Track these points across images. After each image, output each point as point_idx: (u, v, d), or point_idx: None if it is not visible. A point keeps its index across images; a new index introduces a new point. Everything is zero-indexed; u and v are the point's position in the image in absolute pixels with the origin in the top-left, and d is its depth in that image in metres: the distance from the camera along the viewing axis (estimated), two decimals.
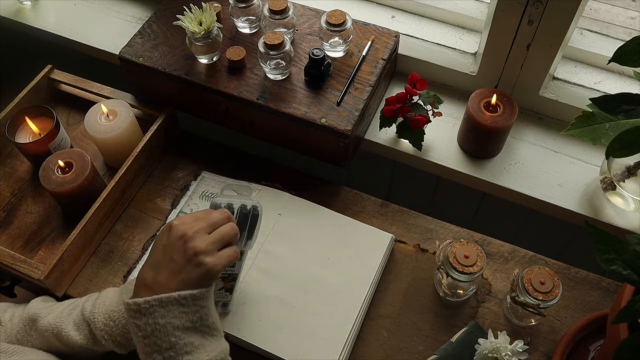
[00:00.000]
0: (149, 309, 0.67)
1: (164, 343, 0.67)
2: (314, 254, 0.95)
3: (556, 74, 1.06)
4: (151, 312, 0.67)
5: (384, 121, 1.03)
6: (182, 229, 0.71)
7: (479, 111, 0.97)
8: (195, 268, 0.69)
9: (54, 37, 1.25)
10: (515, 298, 0.85)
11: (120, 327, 0.76)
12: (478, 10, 1.12)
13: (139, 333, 0.68)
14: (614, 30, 1.11)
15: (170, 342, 0.67)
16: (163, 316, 0.67)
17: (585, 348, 0.86)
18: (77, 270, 0.97)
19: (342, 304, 0.90)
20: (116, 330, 0.76)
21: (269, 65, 0.99)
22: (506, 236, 1.02)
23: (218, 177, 1.06)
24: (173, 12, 1.08)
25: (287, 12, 1.01)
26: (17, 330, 0.82)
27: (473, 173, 1.03)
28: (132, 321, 0.68)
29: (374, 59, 1.03)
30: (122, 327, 0.76)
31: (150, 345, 0.67)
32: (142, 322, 0.67)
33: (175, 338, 0.67)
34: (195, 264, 0.69)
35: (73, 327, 0.78)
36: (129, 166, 1.01)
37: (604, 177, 0.98)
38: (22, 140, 1.03)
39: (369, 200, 1.04)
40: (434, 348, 0.88)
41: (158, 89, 1.09)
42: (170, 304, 0.68)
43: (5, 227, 1.02)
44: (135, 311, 0.68)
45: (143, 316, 0.67)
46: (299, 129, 0.99)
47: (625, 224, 0.96)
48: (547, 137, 1.06)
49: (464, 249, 0.86)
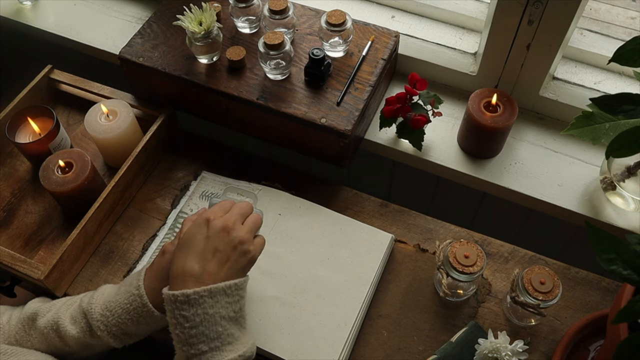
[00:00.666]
0: (199, 299, 0.68)
1: (211, 333, 0.68)
2: (314, 254, 0.95)
3: (556, 74, 1.06)
4: (200, 303, 0.68)
5: (384, 121, 1.03)
6: (222, 221, 0.74)
7: (479, 111, 0.97)
8: (241, 256, 0.73)
9: (54, 37, 1.25)
10: (515, 298, 0.85)
11: (116, 317, 0.76)
12: (478, 10, 1.12)
13: (186, 324, 0.68)
14: (614, 30, 1.11)
15: (217, 332, 0.69)
16: (212, 306, 0.69)
17: (585, 348, 0.86)
18: (77, 270, 0.97)
19: (342, 304, 0.90)
20: (112, 321, 0.76)
21: (269, 65, 0.99)
22: (506, 236, 1.02)
23: (218, 177, 1.06)
24: (173, 12, 1.08)
25: (287, 12, 1.01)
26: (15, 331, 0.82)
27: (473, 173, 1.03)
28: (179, 312, 0.68)
29: (374, 59, 1.03)
30: (117, 317, 0.76)
31: (197, 335, 0.68)
32: (190, 313, 0.68)
33: (221, 328, 0.69)
34: (240, 253, 0.73)
35: (70, 321, 0.79)
36: (129, 166, 1.01)
37: (604, 177, 0.98)
38: (22, 140, 1.03)
39: (369, 200, 1.04)
40: (434, 348, 0.88)
41: (158, 89, 1.09)
42: (219, 294, 0.69)
43: (5, 227, 1.02)
44: (183, 302, 0.68)
45: (192, 307, 0.68)
46: (299, 129, 0.99)
47: (625, 224, 0.96)
48: (547, 137, 1.06)
49: (464, 249, 0.86)
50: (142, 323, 0.76)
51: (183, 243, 0.73)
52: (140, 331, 0.78)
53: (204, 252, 0.72)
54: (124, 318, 0.76)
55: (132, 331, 0.78)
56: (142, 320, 0.76)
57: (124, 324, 0.76)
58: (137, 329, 0.77)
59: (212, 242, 0.72)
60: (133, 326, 0.76)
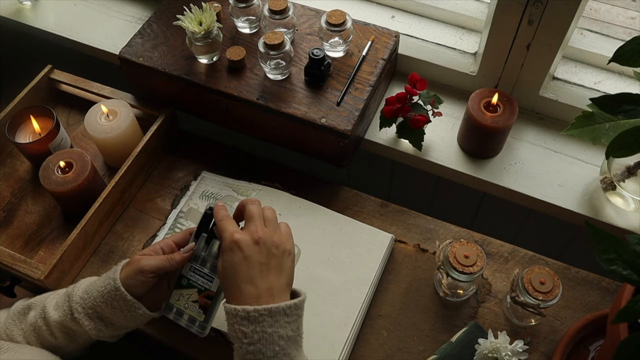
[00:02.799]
0: (258, 317, 0.68)
1: (268, 351, 0.68)
2: (314, 254, 0.95)
3: (556, 74, 1.06)
4: (260, 321, 0.68)
5: (384, 121, 1.03)
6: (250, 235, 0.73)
7: (479, 111, 0.97)
8: (282, 257, 0.73)
9: (54, 37, 1.25)
10: (515, 298, 0.85)
11: (91, 299, 0.78)
12: (478, 10, 1.12)
13: (245, 339, 0.68)
14: (614, 30, 1.11)
15: (274, 351, 0.68)
16: (271, 325, 0.68)
17: (585, 348, 0.86)
18: (77, 270, 0.97)
19: (342, 304, 0.90)
20: (88, 303, 0.78)
21: (269, 65, 0.99)
22: (506, 236, 1.02)
23: (218, 177, 1.06)
24: (173, 12, 1.08)
25: (287, 12, 1.01)
26: (6, 326, 0.83)
27: (473, 173, 1.03)
28: (238, 327, 0.68)
29: (374, 59, 1.03)
30: (93, 299, 0.78)
31: (254, 352, 0.68)
32: (249, 330, 0.68)
33: (278, 347, 0.68)
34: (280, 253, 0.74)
35: (54, 307, 0.81)
36: (129, 166, 1.01)
37: (604, 177, 0.98)
38: (22, 140, 1.03)
39: (369, 200, 1.04)
40: (434, 348, 0.88)
41: (158, 89, 1.09)
42: (278, 314, 0.69)
43: (5, 227, 1.02)
44: (243, 318, 0.68)
45: (251, 324, 0.68)
46: (299, 129, 0.99)
47: (625, 224, 0.96)
48: (547, 137, 1.06)
49: (464, 249, 0.86)
50: (115, 307, 0.77)
51: (227, 274, 0.72)
52: (116, 319, 0.78)
53: (250, 273, 0.71)
54: (99, 301, 0.77)
55: (107, 317, 0.78)
56: (115, 304, 0.77)
57: (99, 307, 0.78)
58: (111, 314, 0.78)
59: (252, 261, 0.71)
60: (107, 310, 0.77)
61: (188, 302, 0.78)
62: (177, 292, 0.79)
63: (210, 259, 0.78)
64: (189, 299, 0.78)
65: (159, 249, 0.80)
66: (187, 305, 0.78)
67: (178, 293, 0.79)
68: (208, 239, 0.79)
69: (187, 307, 0.78)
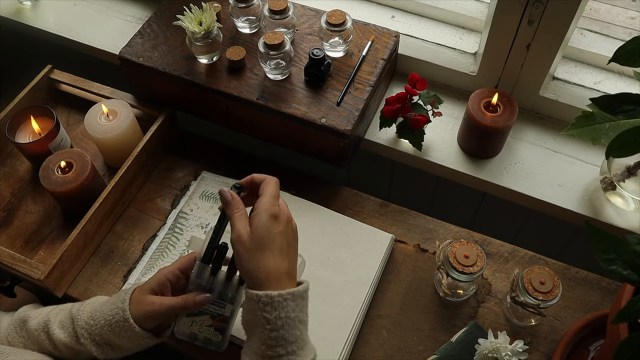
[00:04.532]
0: (282, 302, 0.67)
1: (290, 337, 0.68)
2: (314, 254, 0.95)
3: (556, 74, 1.06)
4: (284, 306, 0.68)
5: (384, 121, 1.03)
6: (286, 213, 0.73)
7: (479, 111, 0.97)
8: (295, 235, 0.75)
9: (54, 37, 1.25)
10: (515, 298, 0.85)
11: (99, 327, 0.76)
12: (478, 10, 1.12)
13: (267, 325, 0.67)
14: (614, 30, 1.11)
15: (295, 336, 0.68)
16: (293, 310, 0.68)
17: (585, 348, 0.86)
18: (77, 270, 0.97)
19: (342, 304, 0.90)
20: (95, 330, 0.77)
21: (269, 65, 0.99)
22: (506, 236, 1.02)
23: (218, 177, 1.06)
24: (173, 12, 1.08)
25: (287, 12, 1.01)
26: (7, 332, 0.82)
27: (473, 173, 1.03)
28: (261, 313, 0.67)
29: (374, 59, 1.03)
30: (100, 327, 0.76)
31: (276, 338, 0.67)
32: (273, 316, 0.67)
33: (299, 332, 0.69)
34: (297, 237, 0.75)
35: (59, 325, 0.79)
36: (129, 166, 1.01)
37: (604, 177, 0.98)
38: (22, 140, 1.03)
39: (369, 200, 1.04)
40: (434, 348, 0.88)
41: (158, 89, 1.09)
42: (299, 298, 0.69)
43: (5, 227, 1.02)
44: (266, 304, 0.67)
45: (275, 309, 0.67)
46: (299, 129, 0.99)
47: (625, 224, 0.96)
48: (547, 137, 1.06)
49: (464, 249, 0.86)
50: (123, 337, 0.76)
51: (261, 241, 0.70)
52: (124, 344, 0.77)
53: (282, 249, 0.71)
54: (106, 329, 0.76)
55: (115, 343, 0.77)
56: (124, 334, 0.76)
57: (106, 334, 0.76)
58: (119, 341, 0.77)
59: (286, 238, 0.72)
60: (115, 338, 0.76)
61: (202, 327, 0.78)
62: (188, 319, 0.78)
63: (218, 287, 0.77)
64: (202, 324, 0.78)
65: (166, 280, 0.77)
66: (201, 330, 0.78)
67: (190, 320, 0.78)
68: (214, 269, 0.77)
69: (202, 331, 0.78)
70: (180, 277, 0.78)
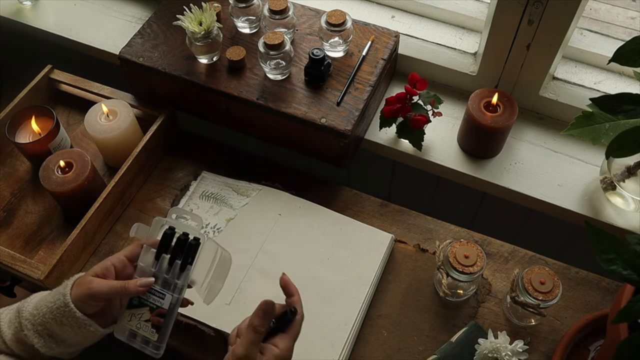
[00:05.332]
0: None
1: None
2: (314, 254, 0.95)
3: (556, 74, 1.06)
4: None
5: (384, 121, 1.03)
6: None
7: (479, 111, 0.97)
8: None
9: (54, 37, 1.25)
10: (515, 298, 0.85)
11: (41, 315, 0.75)
12: (478, 10, 1.12)
13: None
14: (614, 30, 1.11)
15: None
16: None
17: (585, 348, 0.86)
18: (77, 270, 0.97)
19: (342, 304, 0.90)
20: (38, 319, 0.75)
21: (269, 65, 0.99)
22: (506, 236, 1.02)
23: (218, 177, 1.06)
24: (173, 12, 1.08)
25: (287, 12, 1.01)
26: None
27: (473, 173, 1.03)
28: None
29: (374, 59, 1.03)
30: (42, 315, 0.75)
31: None
32: None
33: None
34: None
35: (7, 324, 0.78)
36: (129, 166, 1.01)
37: (604, 177, 0.98)
38: (22, 140, 1.03)
39: (369, 200, 1.04)
40: (434, 348, 0.88)
41: (158, 89, 1.09)
42: None
43: (5, 227, 1.02)
44: None
45: None
46: (299, 129, 0.99)
47: (625, 224, 0.96)
48: (547, 137, 1.06)
49: (464, 249, 0.86)
50: (65, 324, 0.74)
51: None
52: (66, 336, 0.76)
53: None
54: (48, 317, 0.75)
55: (57, 334, 0.75)
56: (65, 320, 0.74)
57: (48, 323, 0.75)
58: (60, 331, 0.75)
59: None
60: (57, 327, 0.75)
61: (140, 322, 0.76)
62: (128, 312, 0.76)
63: (161, 275, 0.76)
64: (141, 319, 0.76)
65: (110, 265, 0.76)
66: (139, 326, 0.76)
67: (130, 313, 0.76)
68: (157, 256, 0.76)
69: (139, 327, 0.76)
70: (126, 265, 0.77)
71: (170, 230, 0.77)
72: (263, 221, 0.99)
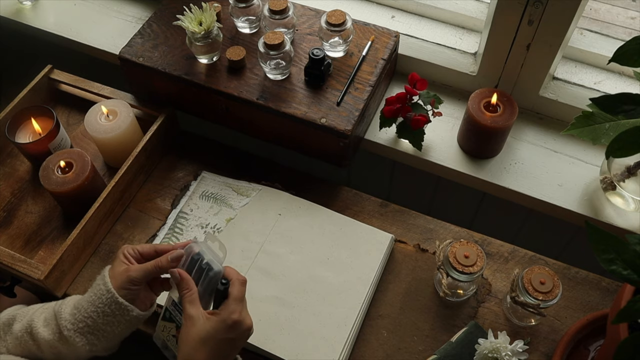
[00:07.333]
0: None
1: None
2: (314, 254, 0.95)
3: (556, 74, 1.06)
4: None
5: (384, 121, 1.03)
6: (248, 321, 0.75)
7: (479, 111, 0.97)
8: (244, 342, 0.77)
9: (54, 37, 1.25)
10: (515, 298, 0.85)
11: (83, 312, 0.77)
12: (478, 10, 1.12)
13: None
14: (614, 30, 1.11)
15: None
16: None
17: (585, 348, 0.86)
18: (77, 270, 0.97)
19: (342, 304, 0.90)
20: (79, 317, 0.77)
21: (269, 65, 1.00)
22: (506, 236, 1.02)
23: (218, 177, 1.06)
24: (173, 12, 1.08)
25: (287, 12, 1.01)
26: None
27: (473, 173, 1.03)
28: None
29: (374, 59, 1.03)
30: (84, 311, 0.77)
31: None
32: None
33: None
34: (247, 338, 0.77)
35: (43, 323, 0.79)
36: (129, 166, 1.01)
37: (604, 177, 0.98)
38: (22, 140, 1.03)
39: (369, 200, 1.04)
40: (434, 348, 0.88)
41: (158, 89, 1.09)
42: None
43: (5, 227, 1.02)
44: None
45: None
46: (299, 129, 0.99)
47: (625, 224, 0.96)
48: (547, 137, 1.06)
49: (464, 249, 0.86)
50: (108, 314, 0.76)
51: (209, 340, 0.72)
52: (109, 327, 0.77)
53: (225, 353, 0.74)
54: (91, 311, 0.76)
55: (100, 326, 0.77)
56: (108, 310, 0.76)
57: (91, 318, 0.76)
58: (104, 322, 0.76)
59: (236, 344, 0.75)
60: (100, 318, 0.76)
61: (169, 336, 0.79)
62: (162, 323, 0.80)
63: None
64: (169, 333, 0.79)
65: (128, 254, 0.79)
66: (168, 338, 0.79)
67: (163, 325, 0.80)
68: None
69: (168, 339, 0.80)
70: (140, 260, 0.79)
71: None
72: (263, 221, 0.99)
